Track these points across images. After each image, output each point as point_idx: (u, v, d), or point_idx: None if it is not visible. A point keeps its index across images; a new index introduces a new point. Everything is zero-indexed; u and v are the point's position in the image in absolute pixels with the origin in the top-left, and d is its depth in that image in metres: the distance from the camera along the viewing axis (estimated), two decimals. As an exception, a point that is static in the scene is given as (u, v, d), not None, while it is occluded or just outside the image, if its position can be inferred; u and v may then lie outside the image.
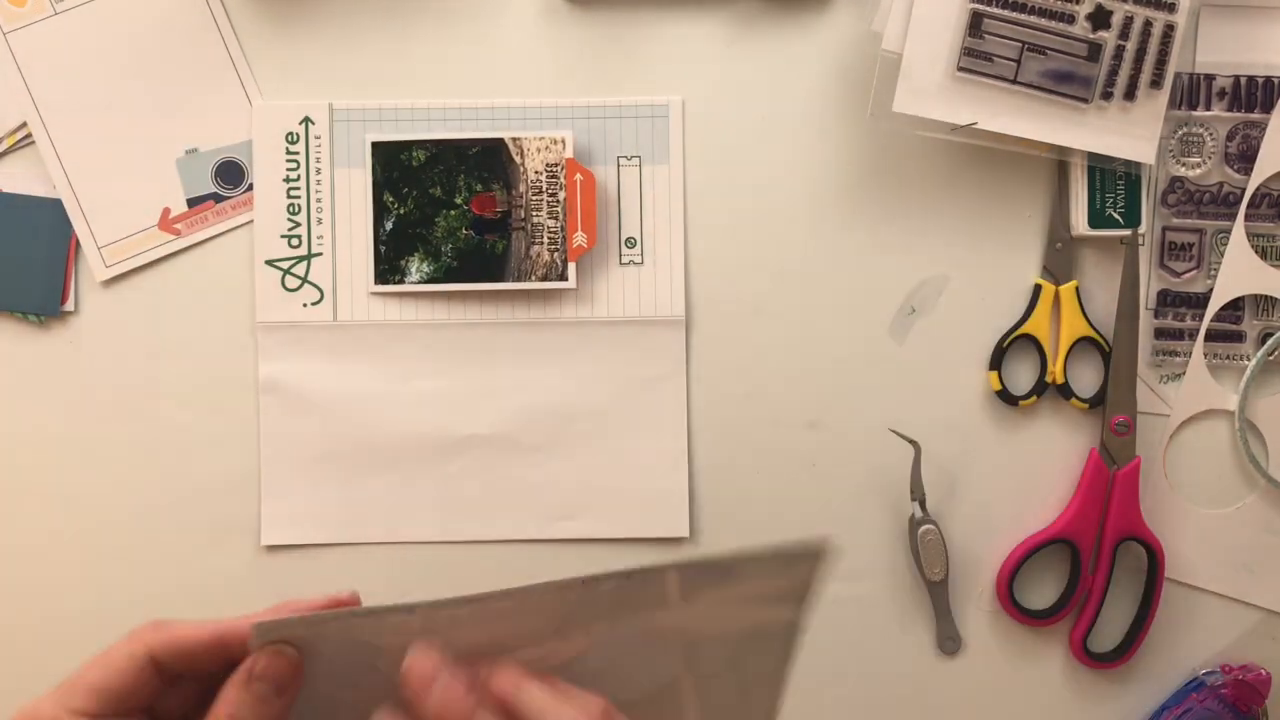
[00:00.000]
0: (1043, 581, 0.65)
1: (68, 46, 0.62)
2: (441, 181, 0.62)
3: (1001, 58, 0.60)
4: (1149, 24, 0.60)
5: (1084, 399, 0.63)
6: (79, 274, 0.63)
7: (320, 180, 0.63)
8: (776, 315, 0.64)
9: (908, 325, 0.64)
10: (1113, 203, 0.63)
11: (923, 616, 0.64)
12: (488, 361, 0.63)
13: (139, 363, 0.63)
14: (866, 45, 0.61)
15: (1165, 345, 0.64)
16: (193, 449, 0.64)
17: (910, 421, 0.63)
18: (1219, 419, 0.64)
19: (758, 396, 0.64)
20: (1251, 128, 0.63)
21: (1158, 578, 0.63)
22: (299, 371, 0.63)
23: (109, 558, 0.64)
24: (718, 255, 0.63)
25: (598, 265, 0.63)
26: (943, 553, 0.63)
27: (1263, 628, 0.65)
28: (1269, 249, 0.63)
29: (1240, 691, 0.63)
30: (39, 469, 0.63)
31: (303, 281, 0.63)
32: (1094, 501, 0.63)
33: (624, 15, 0.63)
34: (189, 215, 0.63)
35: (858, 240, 0.64)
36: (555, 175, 0.62)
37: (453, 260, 0.63)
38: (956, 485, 0.64)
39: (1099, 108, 0.60)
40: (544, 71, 0.63)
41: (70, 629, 0.64)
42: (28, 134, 0.62)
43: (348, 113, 0.63)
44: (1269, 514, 0.64)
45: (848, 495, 0.64)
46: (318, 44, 0.63)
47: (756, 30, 0.63)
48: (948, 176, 0.63)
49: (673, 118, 0.63)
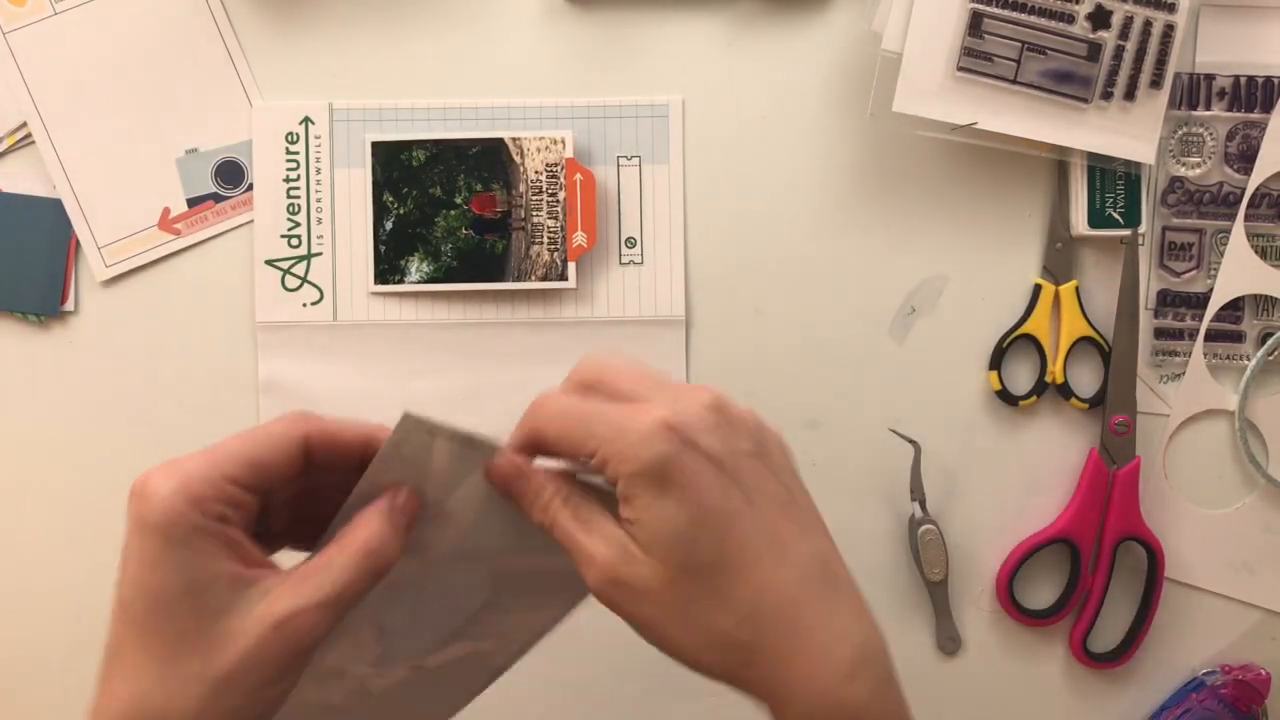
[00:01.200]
0: (1043, 581, 0.65)
1: (67, 46, 0.62)
2: (441, 181, 0.62)
3: (1001, 57, 0.60)
4: (1149, 24, 0.60)
5: (1084, 399, 0.63)
6: (79, 274, 0.63)
7: (320, 180, 0.63)
8: (776, 315, 0.64)
9: (908, 325, 0.64)
10: (1113, 203, 0.63)
11: (923, 616, 0.64)
12: (488, 361, 0.63)
13: (139, 363, 0.63)
14: (866, 45, 0.61)
15: (1165, 345, 0.64)
16: (193, 449, 0.63)
17: (910, 421, 0.63)
18: (1219, 419, 0.64)
19: (758, 396, 0.64)
20: (1251, 128, 0.63)
21: (1158, 578, 0.63)
22: (299, 371, 0.63)
23: (109, 558, 0.64)
24: (718, 255, 0.63)
25: (597, 265, 0.63)
26: (943, 553, 0.63)
27: (1263, 628, 0.65)
28: (1269, 249, 0.63)
29: (1240, 691, 0.63)
30: (39, 469, 0.63)
31: (302, 281, 0.63)
32: (1094, 501, 0.63)
33: (624, 15, 0.63)
34: (189, 215, 0.63)
35: (858, 240, 0.64)
36: (555, 175, 0.62)
37: (453, 260, 0.63)
38: (956, 485, 0.64)
39: (1099, 107, 0.60)
40: (544, 71, 0.63)
41: (70, 629, 0.64)
42: (28, 134, 0.62)
43: (347, 112, 0.63)
44: (1269, 514, 0.64)
45: (848, 495, 0.64)
46: (318, 44, 0.63)
47: (756, 30, 0.63)
48: (948, 176, 0.63)
49: (672, 117, 0.63)
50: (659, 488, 0.35)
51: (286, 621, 0.35)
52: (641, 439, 0.35)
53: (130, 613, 0.35)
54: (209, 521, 0.34)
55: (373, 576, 0.37)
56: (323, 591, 0.35)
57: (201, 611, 0.34)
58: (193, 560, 0.34)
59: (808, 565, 0.37)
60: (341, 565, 0.36)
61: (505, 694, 0.43)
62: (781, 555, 0.36)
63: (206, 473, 0.35)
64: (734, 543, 0.36)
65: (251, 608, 0.34)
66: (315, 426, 0.37)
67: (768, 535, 0.36)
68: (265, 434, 0.37)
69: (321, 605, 0.35)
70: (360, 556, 0.36)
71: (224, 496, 0.35)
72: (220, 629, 0.34)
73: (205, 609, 0.34)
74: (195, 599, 0.34)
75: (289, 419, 0.37)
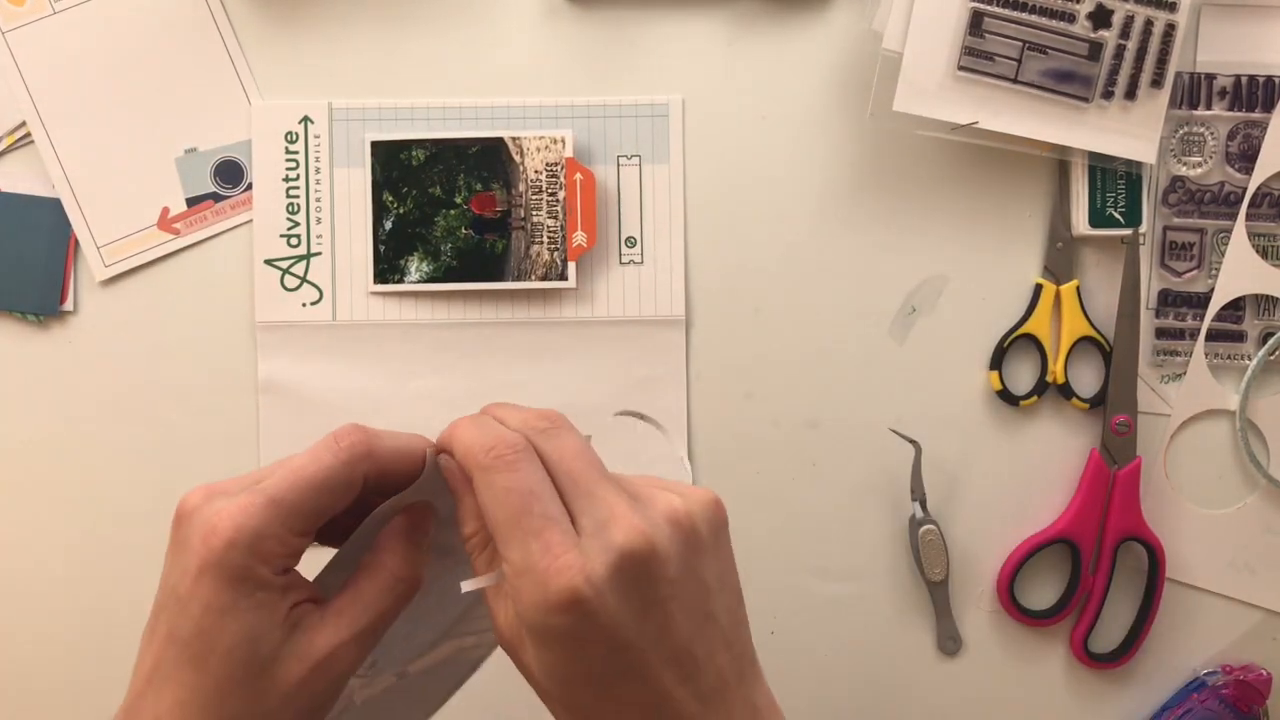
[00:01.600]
0: (1043, 582, 0.65)
1: (67, 46, 0.62)
2: (441, 181, 0.62)
3: (1002, 57, 0.59)
4: (1150, 23, 0.59)
5: (1085, 399, 0.63)
6: (78, 274, 0.63)
7: (319, 180, 0.63)
8: (776, 315, 0.64)
9: (908, 325, 0.64)
10: (1113, 202, 0.63)
11: (923, 616, 0.64)
12: (488, 361, 0.63)
13: (138, 362, 0.63)
14: (866, 45, 0.61)
15: (1166, 345, 0.64)
16: (192, 449, 0.63)
17: (910, 421, 0.63)
18: (1220, 419, 0.64)
19: (758, 396, 0.64)
20: (1252, 127, 0.63)
21: (1158, 578, 0.63)
22: (298, 371, 0.63)
23: (108, 557, 0.64)
24: (718, 255, 0.63)
25: (597, 265, 0.63)
26: (943, 553, 0.63)
27: (1263, 628, 0.65)
28: (1270, 249, 0.63)
29: (1241, 692, 0.63)
30: (38, 469, 0.63)
31: (302, 281, 0.63)
32: (1095, 502, 0.63)
33: (624, 15, 0.63)
34: (188, 215, 0.63)
35: (858, 240, 0.63)
36: (555, 175, 0.62)
37: (452, 260, 0.62)
38: (957, 485, 0.64)
39: (1100, 107, 0.60)
40: (544, 71, 0.63)
41: (70, 629, 0.64)
42: (27, 134, 0.62)
43: (347, 112, 0.63)
44: (1270, 514, 0.64)
45: (848, 495, 0.64)
46: (317, 44, 0.63)
47: (756, 30, 0.63)
48: (948, 176, 0.63)
49: (673, 117, 0.63)
50: (544, 645, 0.34)
51: (327, 658, 0.36)
52: (547, 600, 0.33)
53: (187, 650, 0.35)
54: (275, 576, 0.35)
55: (403, 602, 0.38)
56: (359, 624, 0.37)
57: (254, 658, 0.35)
58: (255, 611, 0.35)
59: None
60: (374, 596, 0.37)
61: (506, 694, 0.43)
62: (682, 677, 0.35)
63: (276, 528, 0.35)
64: (624, 686, 0.35)
65: (295, 647, 0.36)
66: (374, 465, 0.37)
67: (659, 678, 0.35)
68: (328, 476, 0.36)
69: (358, 638, 0.37)
70: (390, 585, 0.38)
71: (290, 550, 0.36)
72: (269, 672, 0.35)
73: (258, 655, 0.35)
74: (251, 646, 0.35)
75: (350, 450, 0.37)
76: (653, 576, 0.34)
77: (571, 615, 0.33)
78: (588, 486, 0.35)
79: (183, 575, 0.35)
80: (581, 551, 0.34)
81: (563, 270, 0.62)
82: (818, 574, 0.64)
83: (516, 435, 0.36)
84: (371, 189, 0.62)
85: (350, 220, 0.63)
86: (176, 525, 0.36)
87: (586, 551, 0.34)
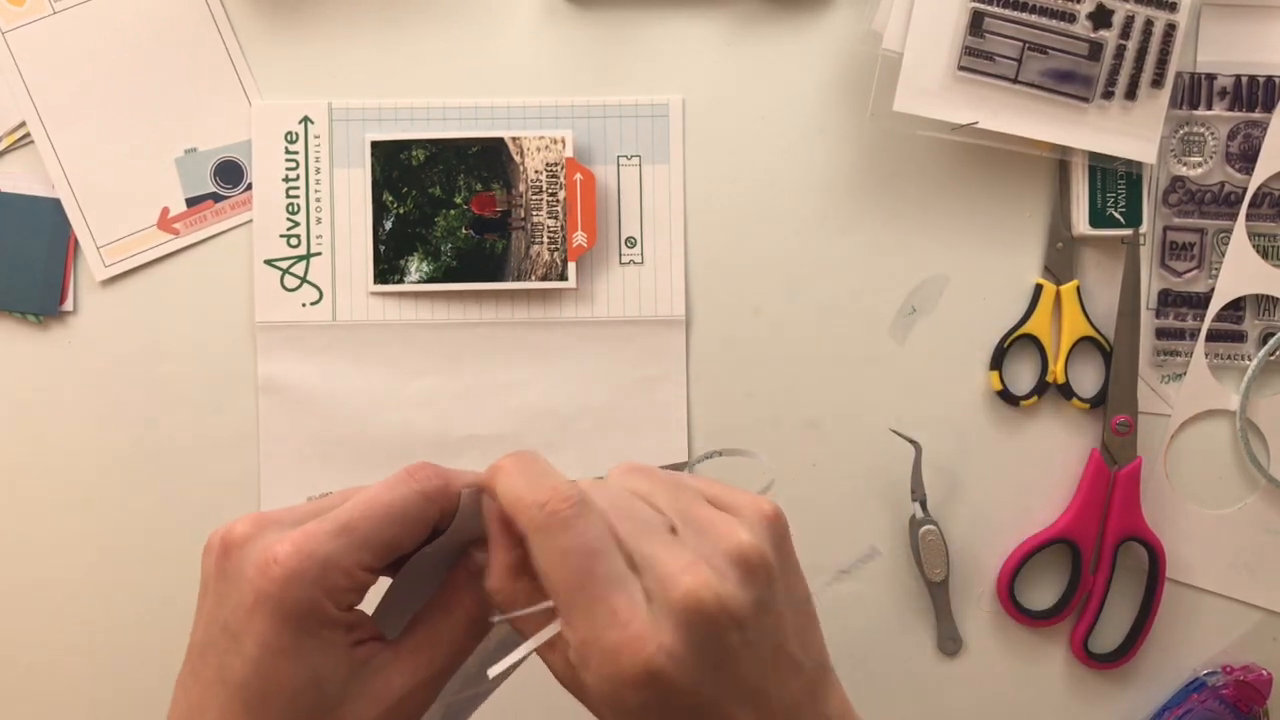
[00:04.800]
0: (1043, 582, 0.65)
1: (66, 46, 0.62)
2: (441, 181, 0.62)
3: (1003, 57, 0.59)
4: (1150, 23, 0.59)
5: (1085, 399, 0.63)
6: (78, 274, 0.63)
7: (319, 180, 0.63)
8: (776, 315, 0.64)
9: (908, 325, 0.64)
10: (1114, 202, 0.63)
11: (923, 616, 0.64)
12: (488, 361, 0.63)
13: (138, 363, 0.63)
14: (866, 45, 0.61)
15: (1166, 345, 0.64)
16: (192, 449, 0.63)
17: (910, 421, 0.63)
18: (1220, 419, 0.64)
19: (758, 396, 0.64)
20: (1253, 127, 0.63)
21: (1159, 578, 0.63)
22: (298, 371, 0.63)
23: (109, 558, 0.64)
24: (718, 255, 0.63)
25: (598, 265, 0.63)
26: (943, 553, 0.63)
27: (1264, 628, 0.65)
28: (1270, 249, 0.63)
29: (1241, 692, 0.63)
30: (38, 469, 0.63)
31: (302, 281, 0.63)
32: (1095, 502, 0.63)
33: (624, 15, 0.63)
34: (188, 215, 0.63)
35: (858, 240, 0.63)
36: (555, 175, 0.62)
37: (452, 260, 0.62)
38: (957, 485, 0.64)
39: (1100, 107, 0.60)
40: (544, 71, 0.63)
41: (70, 629, 0.64)
42: (26, 134, 0.62)
43: (347, 112, 0.63)
44: (1270, 514, 0.64)
45: (848, 495, 0.64)
46: (317, 44, 0.63)
47: (756, 30, 0.63)
48: (948, 176, 0.63)
49: (673, 117, 0.63)
50: (620, 714, 0.32)
51: (402, 701, 0.34)
52: (620, 675, 0.31)
53: (241, 694, 0.32)
54: (340, 613, 0.33)
55: (474, 644, 0.36)
56: (434, 667, 0.35)
57: (320, 704, 0.33)
58: (320, 651, 0.33)
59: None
60: (450, 636, 0.36)
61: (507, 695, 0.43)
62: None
63: (345, 560, 0.33)
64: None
65: (365, 688, 0.34)
66: (450, 503, 0.36)
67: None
68: (406, 507, 0.34)
69: (434, 679, 0.35)
70: (467, 626, 0.36)
71: (358, 585, 0.34)
72: (335, 716, 0.33)
73: (324, 699, 0.33)
74: (317, 691, 0.33)
75: (427, 481, 0.35)
76: (724, 628, 0.32)
77: (650, 691, 0.31)
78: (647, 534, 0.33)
79: (234, 610, 0.32)
80: (651, 618, 0.31)
81: (563, 270, 0.62)
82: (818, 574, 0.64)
83: (570, 484, 0.34)
84: (371, 189, 0.62)
85: (350, 220, 0.63)
86: (223, 555, 0.33)
87: (656, 617, 0.31)
